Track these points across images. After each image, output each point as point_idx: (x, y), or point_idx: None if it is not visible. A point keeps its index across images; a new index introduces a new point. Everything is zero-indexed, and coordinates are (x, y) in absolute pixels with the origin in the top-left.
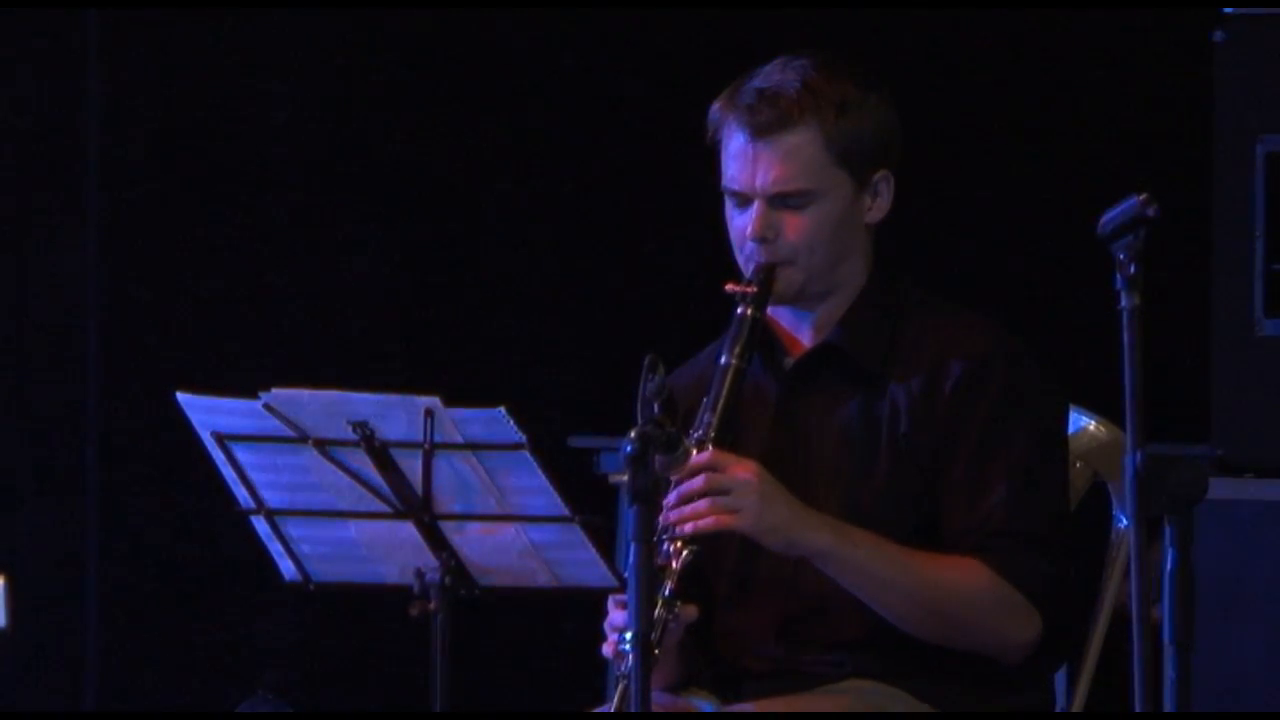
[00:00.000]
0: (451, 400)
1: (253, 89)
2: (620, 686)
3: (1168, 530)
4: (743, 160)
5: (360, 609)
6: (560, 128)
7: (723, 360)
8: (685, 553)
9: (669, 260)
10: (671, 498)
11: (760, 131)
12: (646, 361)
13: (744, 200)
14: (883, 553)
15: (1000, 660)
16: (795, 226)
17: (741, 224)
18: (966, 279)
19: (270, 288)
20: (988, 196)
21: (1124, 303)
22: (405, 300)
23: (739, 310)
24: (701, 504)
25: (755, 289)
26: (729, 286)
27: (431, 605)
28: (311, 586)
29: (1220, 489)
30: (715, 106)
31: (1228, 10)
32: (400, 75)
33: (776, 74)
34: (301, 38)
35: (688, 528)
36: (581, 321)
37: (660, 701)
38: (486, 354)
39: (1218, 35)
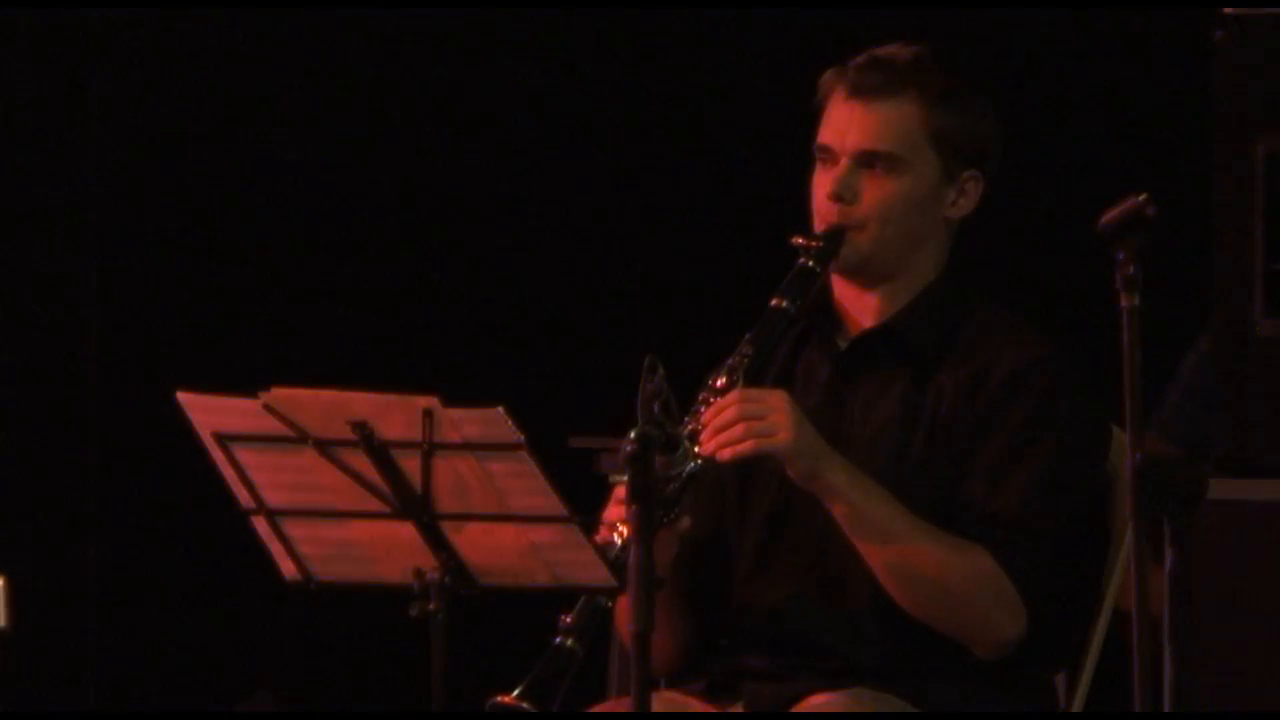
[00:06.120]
0: (451, 400)
1: (253, 89)
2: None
3: (1168, 530)
4: (839, 116)
5: (360, 609)
6: (561, 127)
7: (773, 303)
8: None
9: (669, 260)
10: (706, 431)
11: (863, 91)
12: (646, 362)
13: (832, 159)
14: (892, 508)
15: (973, 651)
16: (874, 192)
17: (825, 185)
18: (966, 279)
19: (270, 288)
20: (987, 196)
21: (1124, 303)
22: (405, 300)
23: (800, 261)
24: (738, 429)
25: (821, 244)
26: (796, 239)
27: (431, 605)
28: (312, 586)
29: (1220, 489)
30: (827, 73)
31: (1228, 10)
32: (400, 75)
33: (894, 48)
34: (302, 38)
35: (725, 454)
36: (581, 321)
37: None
38: (486, 354)
39: (1218, 35)
